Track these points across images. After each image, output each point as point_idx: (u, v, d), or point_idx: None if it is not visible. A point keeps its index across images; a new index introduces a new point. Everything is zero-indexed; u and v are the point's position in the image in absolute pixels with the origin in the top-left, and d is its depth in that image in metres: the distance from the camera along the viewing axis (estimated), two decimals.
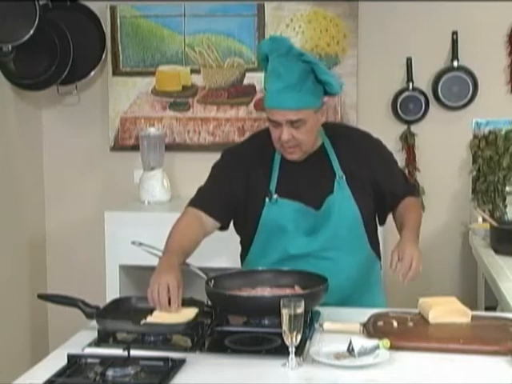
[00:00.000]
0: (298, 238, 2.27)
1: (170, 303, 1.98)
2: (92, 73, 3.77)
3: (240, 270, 2.31)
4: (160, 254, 2.21)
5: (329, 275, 2.11)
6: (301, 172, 2.29)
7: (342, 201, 2.27)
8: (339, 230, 2.27)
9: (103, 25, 3.75)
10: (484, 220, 3.34)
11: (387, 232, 2.83)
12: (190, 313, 1.99)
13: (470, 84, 3.63)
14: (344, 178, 2.28)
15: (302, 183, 2.29)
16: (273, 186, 2.28)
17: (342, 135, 2.38)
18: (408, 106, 3.68)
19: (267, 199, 2.27)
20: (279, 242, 2.29)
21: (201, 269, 2.21)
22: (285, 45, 2.20)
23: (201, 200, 2.35)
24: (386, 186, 2.35)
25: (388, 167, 2.41)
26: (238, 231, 2.41)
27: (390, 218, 2.45)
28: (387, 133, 3.36)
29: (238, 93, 3.77)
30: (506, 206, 3.52)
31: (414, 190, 2.55)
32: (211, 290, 2.08)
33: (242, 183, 2.30)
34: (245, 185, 2.30)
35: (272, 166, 2.30)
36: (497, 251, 3.04)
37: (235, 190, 2.30)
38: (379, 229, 2.45)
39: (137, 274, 3.63)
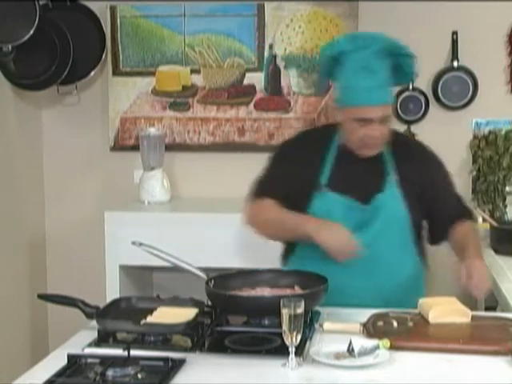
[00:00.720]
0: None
1: None
2: (92, 73, 3.77)
3: (240, 271, 2.31)
4: (160, 254, 2.21)
5: (370, 273, 2.13)
6: (353, 168, 2.28)
7: (391, 200, 2.26)
8: (386, 229, 2.25)
9: (103, 25, 3.75)
10: (484, 220, 3.34)
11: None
12: (189, 313, 1.99)
13: (470, 84, 3.63)
14: (395, 179, 2.27)
15: (353, 179, 2.27)
16: (324, 179, 2.28)
17: (400, 139, 2.38)
18: (408, 106, 3.68)
19: (317, 192, 2.27)
20: None
21: (201, 269, 2.21)
22: (381, 41, 2.23)
23: (266, 190, 2.33)
24: (439, 201, 2.33)
25: (444, 183, 2.38)
26: None
27: None
28: None
29: (238, 93, 3.77)
30: (506, 206, 3.51)
31: (470, 213, 2.45)
32: (211, 290, 2.08)
33: (296, 175, 2.29)
34: (298, 177, 2.29)
35: (325, 160, 2.29)
36: (497, 251, 3.04)
37: (290, 182, 2.30)
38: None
39: (137, 274, 3.63)
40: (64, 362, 1.79)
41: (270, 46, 3.72)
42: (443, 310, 2.06)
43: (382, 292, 2.22)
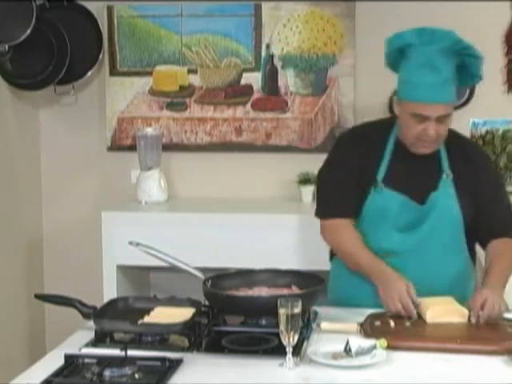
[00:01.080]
0: (394, 232, 2.25)
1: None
2: (89, 73, 3.76)
3: (238, 270, 2.31)
4: (158, 254, 2.21)
5: (419, 273, 2.14)
6: (410, 166, 2.27)
7: (445, 198, 2.25)
8: (438, 228, 2.24)
9: (100, 25, 3.74)
10: None
11: None
12: (186, 313, 1.99)
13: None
14: (451, 177, 2.26)
15: (409, 177, 2.27)
16: (380, 175, 2.27)
17: (455, 139, 2.35)
18: None
19: (373, 187, 2.26)
20: (377, 235, 2.26)
21: (198, 269, 2.21)
22: (451, 39, 2.21)
23: (338, 207, 2.31)
24: (485, 208, 2.29)
25: (495, 190, 2.34)
26: None
27: None
28: None
29: (235, 93, 3.77)
30: None
31: None
32: (208, 289, 2.08)
33: (354, 169, 2.28)
34: (356, 171, 2.28)
35: (383, 156, 2.28)
36: None
37: (352, 179, 2.28)
38: None
39: (134, 274, 3.63)
40: (61, 362, 1.79)
41: (267, 46, 3.72)
42: (440, 310, 2.07)
43: (431, 291, 2.17)
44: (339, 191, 2.31)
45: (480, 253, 2.42)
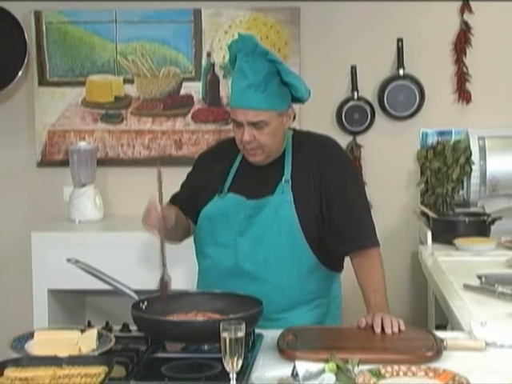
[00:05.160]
0: (230, 231, 2.34)
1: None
2: (12, 83, 3.69)
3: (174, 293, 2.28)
4: (97, 273, 2.19)
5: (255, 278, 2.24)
6: (254, 173, 2.36)
7: (280, 203, 2.30)
8: (271, 231, 2.29)
9: (26, 31, 3.69)
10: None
11: None
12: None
13: (417, 93, 3.70)
14: (290, 182, 2.31)
15: (252, 184, 2.35)
16: (227, 184, 2.38)
17: (307, 141, 2.40)
18: (353, 116, 3.74)
19: (217, 195, 2.38)
20: (210, 231, 2.37)
21: (139, 292, 2.20)
22: (251, 43, 2.27)
23: (173, 196, 2.52)
24: (334, 217, 2.31)
25: (343, 191, 2.34)
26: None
27: None
28: None
29: (175, 104, 3.77)
30: None
31: (371, 239, 2.35)
32: (138, 315, 2.06)
33: (201, 181, 2.43)
34: (203, 183, 2.42)
35: (231, 167, 2.40)
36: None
37: (195, 187, 2.45)
38: None
39: (67, 299, 3.58)
40: None
41: (208, 54, 3.74)
42: None
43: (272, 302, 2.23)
44: (179, 193, 2.52)
45: None
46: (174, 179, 3.71)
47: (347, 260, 2.39)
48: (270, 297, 2.22)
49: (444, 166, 3.59)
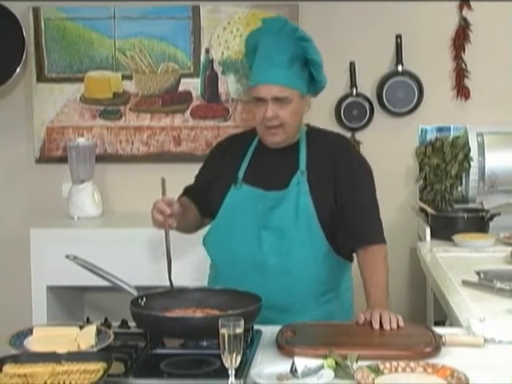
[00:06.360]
0: (246, 221, 2.35)
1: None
2: (10, 79, 3.69)
3: (167, 290, 2.28)
4: (96, 270, 2.20)
5: (275, 270, 2.24)
6: (268, 161, 2.38)
7: (298, 194, 2.32)
8: (288, 222, 2.30)
9: (24, 28, 3.68)
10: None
11: None
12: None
13: (416, 89, 3.70)
14: (305, 174, 2.33)
15: (266, 173, 2.37)
16: (241, 173, 2.39)
17: (322, 136, 2.44)
18: (352, 113, 3.74)
19: (233, 185, 2.38)
20: (231, 227, 2.36)
21: (138, 288, 2.20)
22: (278, 22, 2.34)
23: (186, 188, 2.57)
24: (345, 211, 2.34)
25: (355, 188, 2.38)
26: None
27: None
28: None
29: (173, 100, 3.77)
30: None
31: (378, 236, 2.39)
32: (136, 311, 2.06)
33: (214, 174, 2.46)
34: (216, 175, 2.44)
35: (245, 155, 2.42)
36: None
37: (207, 179, 2.47)
38: None
39: (66, 296, 3.58)
40: None
41: (207, 51, 3.73)
42: None
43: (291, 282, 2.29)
44: (192, 185, 2.57)
45: None
46: (173, 176, 3.74)
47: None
48: (295, 288, 2.28)
49: (443, 162, 3.59)
